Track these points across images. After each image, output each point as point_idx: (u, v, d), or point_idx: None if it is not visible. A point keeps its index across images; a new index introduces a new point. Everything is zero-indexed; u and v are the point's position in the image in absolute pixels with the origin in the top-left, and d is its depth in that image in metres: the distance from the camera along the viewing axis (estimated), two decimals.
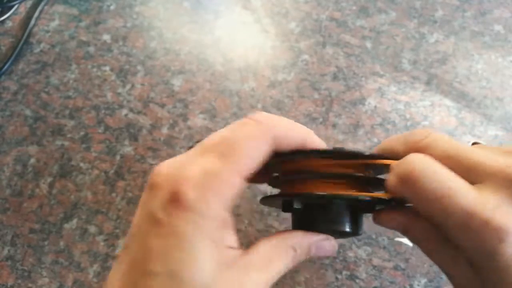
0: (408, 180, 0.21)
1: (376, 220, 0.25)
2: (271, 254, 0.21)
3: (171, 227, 0.18)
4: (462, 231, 0.20)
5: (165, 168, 0.20)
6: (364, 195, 0.23)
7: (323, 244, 0.24)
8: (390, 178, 0.22)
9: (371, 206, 0.25)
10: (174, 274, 0.18)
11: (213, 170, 0.19)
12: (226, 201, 0.19)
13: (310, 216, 0.24)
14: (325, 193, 0.22)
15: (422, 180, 0.20)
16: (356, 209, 0.24)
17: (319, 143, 0.23)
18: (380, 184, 0.24)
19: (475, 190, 0.20)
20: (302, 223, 0.24)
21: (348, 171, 0.23)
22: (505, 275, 0.19)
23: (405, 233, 0.24)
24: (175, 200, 0.18)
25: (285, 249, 0.22)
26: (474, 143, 0.25)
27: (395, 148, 0.24)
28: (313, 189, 0.23)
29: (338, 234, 0.25)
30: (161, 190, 0.19)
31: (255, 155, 0.20)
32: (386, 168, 0.23)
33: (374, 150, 0.26)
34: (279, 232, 0.23)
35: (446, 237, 0.22)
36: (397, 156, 0.23)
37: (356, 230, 0.24)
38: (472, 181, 0.20)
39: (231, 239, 0.20)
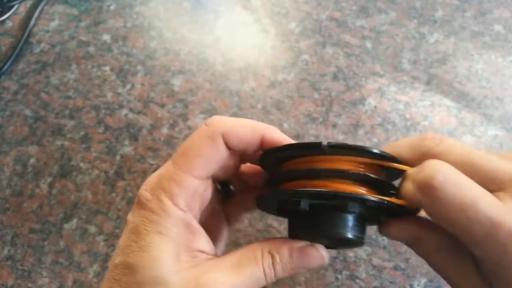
0: (428, 188, 0.19)
1: (384, 231, 0.23)
2: (243, 259, 0.21)
3: (130, 224, 0.21)
4: (487, 241, 0.19)
5: (149, 179, 0.23)
6: (392, 201, 0.21)
7: (307, 250, 0.22)
8: (406, 185, 0.21)
9: (379, 214, 0.23)
10: (130, 265, 0.20)
11: (164, 173, 0.22)
12: (180, 199, 0.21)
13: (314, 220, 0.22)
14: (347, 192, 0.21)
15: (445, 189, 0.19)
16: (364, 216, 0.22)
17: (281, 138, 0.23)
18: (385, 190, 0.22)
19: (498, 199, 0.19)
20: (305, 228, 0.22)
21: (364, 171, 0.22)
22: None
23: (414, 244, 0.23)
24: (137, 202, 0.22)
25: (259, 254, 0.21)
26: None
27: (402, 154, 0.22)
28: (325, 187, 0.21)
29: (344, 242, 0.23)
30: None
31: (203, 153, 0.22)
32: (398, 174, 0.22)
33: None
34: (265, 239, 0.23)
35: (458, 249, 0.21)
36: (406, 163, 0.22)
37: (363, 240, 0.23)
38: (490, 190, 0.19)
39: (202, 243, 0.21)
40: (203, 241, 0.22)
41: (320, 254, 0.22)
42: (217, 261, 0.21)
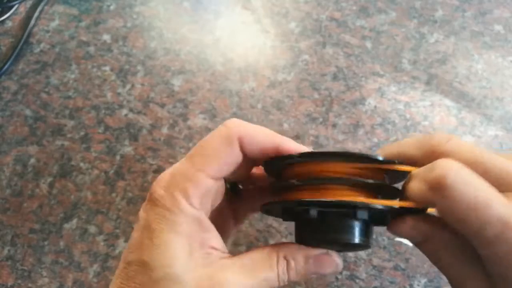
0: (440, 187, 0.19)
1: (393, 229, 0.23)
2: (258, 261, 0.21)
3: (144, 221, 0.21)
4: (497, 242, 0.19)
5: (162, 174, 0.23)
6: (401, 204, 0.21)
7: (323, 258, 0.22)
8: (415, 185, 0.21)
9: (389, 216, 0.23)
10: (145, 263, 0.20)
11: (179, 171, 0.22)
12: (193, 197, 0.21)
13: (322, 227, 0.22)
14: (357, 201, 0.21)
15: (457, 188, 0.19)
16: (371, 220, 0.22)
17: (297, 147, 0.23)
18: (389, 192, 0.23)
19: (508, 199, 0.19)
20: (313, 233, 0.22)
21: (367, 176, 0.22)
22: None
23: (423, 243, 0.22)
24: (150, 199, 0.21)
25: (275, 258, 0.21)
26: None
27: (409, 153, 0.22)
28: (333, 195, 0.21)
29: (351, 247, 0.23)
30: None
31: (220, 154, 0.22)
32: (401, 176, 0.22)
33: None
34: (278, 243, 0.23)
35: (466, 248, 0.21)
36: (413, 163, 0.21)
37: (369, 243, 0.23)
38: (500, 190, 0.19)
39: (215, 241, 0.21)
40: (215, 239, 0.22)
41: (335, 261, 0.23)
42: (231, 260, 0.21)
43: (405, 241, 0.37)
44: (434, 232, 0.22)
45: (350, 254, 0.37)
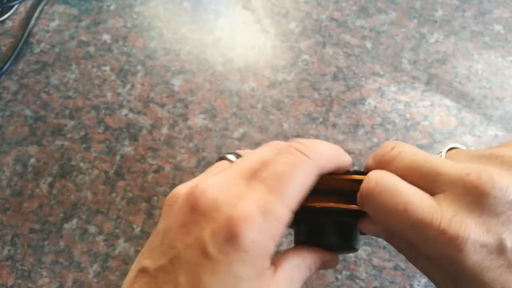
0: (368, 196, 0.21)
1: (360, 227, 0.24)
2: (294, 274, 0.22)
3: (226, 267, 0.18)
4: (423, 243, 0.20)
5: (212, 191, 0.20)
6: (351, 207, 0.22)
7: (330, 263, 0.24)
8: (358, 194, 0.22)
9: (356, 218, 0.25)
10: None
11: (269, 209, 0.19)
12: (279, 238, 0.20)
13: (318, 231, 0.24)
14: (319, 207, 0.22)
15: (381, 196, 0.20)
16: (347, 225, 0.24)
17: (348, 161, 0.23)
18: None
19: (433, 201, 0.20)
20: (310, 237, 0.24)
21: (347, 186, 0.23)
22: (473, 283, 0.19)
23: (389, 239, 0.24)
24: (232, 240, 0.18)
25: (304, 269, 0.22)
26: (451, 148, 0.24)
27: (368, 164, 0.24)
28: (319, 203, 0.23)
29: (345, 249, 0.25)
30: (213, 221, 0.19)
31: (304, 189, 0.20)
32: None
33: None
34: (298, 248, 0.23)
35: None
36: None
37: (353, 245, 0.25)
38: (434, 192, 0.20)
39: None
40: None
41: (336, 261, 0.25)
42: (278, 281, 0.20)
43: None
44: (389, 233, 0.23)
45: (350, 254, 0.37)
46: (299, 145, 0.21)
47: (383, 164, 0.22)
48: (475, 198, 0.19)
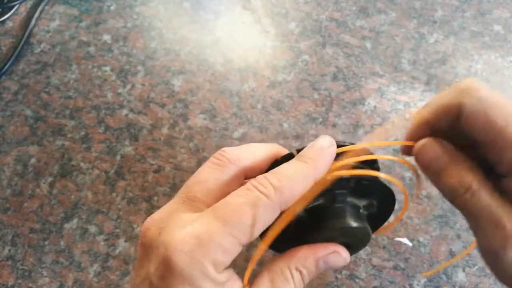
0: (472, 88, 0.19)
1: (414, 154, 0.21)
2: (275, 283, 0.20)
3: None
4: None
5: (153, 227, 0.20)
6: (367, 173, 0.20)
7: (331, 258, 0.22)
8: (439, 97, 0.20)
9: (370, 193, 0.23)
10: None
11: (208, 235, 0.18)
12: (222, 265, 0.19)
13: (313, 220, 0.22)
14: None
15: (485, 92, 0.19)
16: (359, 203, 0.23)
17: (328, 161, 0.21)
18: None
19: None
20: (303, 231, 0.22)
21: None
22: None
23: (442, 174, 0.21)
24: (167, 268, 0.18)
25: (289, 274, 0.21)
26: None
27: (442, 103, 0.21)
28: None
29: (347, 236, 0.23)
30: (154, 253, 0.19)
31: (258, 225, 0.19)
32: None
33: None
34: (282, 255, 0.22)
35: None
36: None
37: (365, 227, 0.22)
38: None
39: (234, 283, 0.20)
40: (234, 280, 0.20)
41: (343, 256, 0.22)
42: None
43: (405, 241, 0.37)
44: (453, 157, 0.20)
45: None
46: (264, 184, 0.19)
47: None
48: None
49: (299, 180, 0.20)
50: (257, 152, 0.22)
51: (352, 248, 0.23)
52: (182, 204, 0.21)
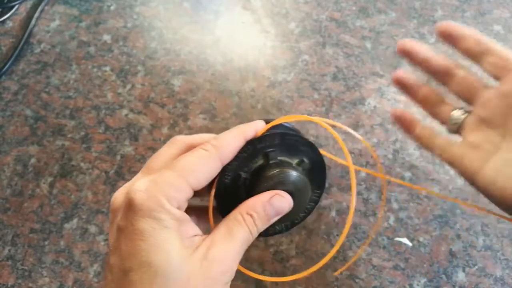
0: None
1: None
2: (230, 226, 0.23)
3: (132, 229, 0.21)
4: None
5: (119, 194, 0.24)
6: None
7: (275, 199, 0.25)
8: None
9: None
10: (147, 265, 0.21)
11: (161, 177, 0.22)
12: (175, 200, 0.22)
13: (257, 179, 0.25)
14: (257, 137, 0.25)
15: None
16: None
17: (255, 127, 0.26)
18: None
19: None
20: (252, 191, 0.25)
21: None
22: None
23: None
24: (130, 208, 0.22)
25: (241, 218, 0.24)
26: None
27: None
28: None
29: (286, 183, 0.25)
30: (119, 208, 0.23)
31: (205, 173, 0.23)
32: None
33: None
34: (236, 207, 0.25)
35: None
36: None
37: (299, 174, 0.25)
38: None
39: (193, 229, 0.23)
40: (193, 227, 0.23)
41: (286, 198, 0.25)
42: (212, 237, 0.23)
43: (405, 241, 0.37)
44: None
45: (350, 254, 0.37)
46: (205, 144, 0.24)
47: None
48: None
49: (233, 140, 0.25)
50: (203, 136, 0.26)
51: (297, 197, 0.26)
52: (141, 174, 0.25)
